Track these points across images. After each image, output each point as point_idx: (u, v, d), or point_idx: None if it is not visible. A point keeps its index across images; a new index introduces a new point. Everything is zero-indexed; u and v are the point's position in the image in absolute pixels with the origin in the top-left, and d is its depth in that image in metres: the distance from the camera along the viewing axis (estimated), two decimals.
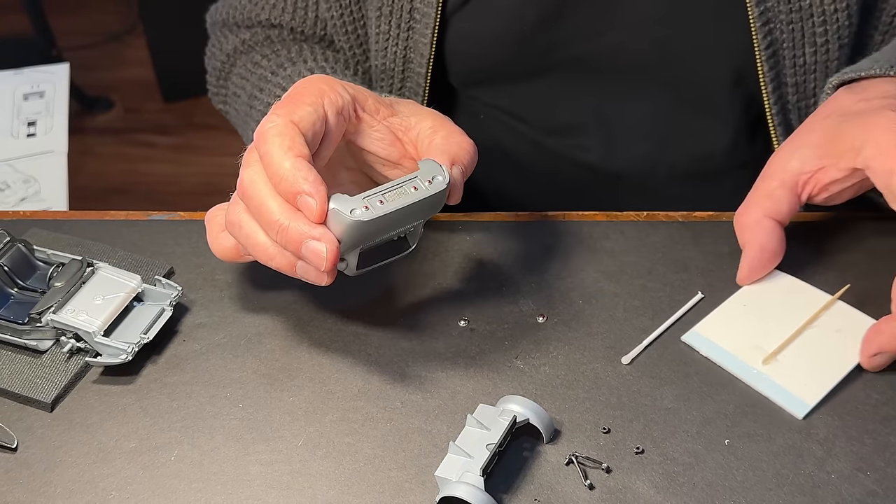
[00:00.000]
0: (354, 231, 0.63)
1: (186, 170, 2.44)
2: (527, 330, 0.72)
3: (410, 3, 0.87)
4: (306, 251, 0.63)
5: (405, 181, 0.64)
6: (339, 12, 0.91)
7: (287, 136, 0.64)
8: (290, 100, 0.67)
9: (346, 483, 0.63)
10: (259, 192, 0.64)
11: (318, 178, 0.63)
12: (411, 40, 0.88)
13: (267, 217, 0.64)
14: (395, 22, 0.88)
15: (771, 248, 0.72)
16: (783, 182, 0.71)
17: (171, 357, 0.72)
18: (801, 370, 0.67)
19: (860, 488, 0.61)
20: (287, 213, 0.63)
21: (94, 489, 0.64)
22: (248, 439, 0.66)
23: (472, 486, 0.59)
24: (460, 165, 0.69)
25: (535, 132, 0.95)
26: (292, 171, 0.62)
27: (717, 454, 0.63)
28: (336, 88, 0.68)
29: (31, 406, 0.69)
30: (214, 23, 1.00)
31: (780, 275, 0.73)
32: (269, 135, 0.64)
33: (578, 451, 0.63)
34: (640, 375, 0.68)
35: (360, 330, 0.72)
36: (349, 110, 0.69)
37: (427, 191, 0.65)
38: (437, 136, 0.70)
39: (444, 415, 0.66)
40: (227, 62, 0.97)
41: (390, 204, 0.63)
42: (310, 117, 0.66)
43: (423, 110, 0.73)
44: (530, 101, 0.93)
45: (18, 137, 1.48)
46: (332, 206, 0.62)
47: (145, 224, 0.83)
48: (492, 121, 0.96)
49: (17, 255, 0.75)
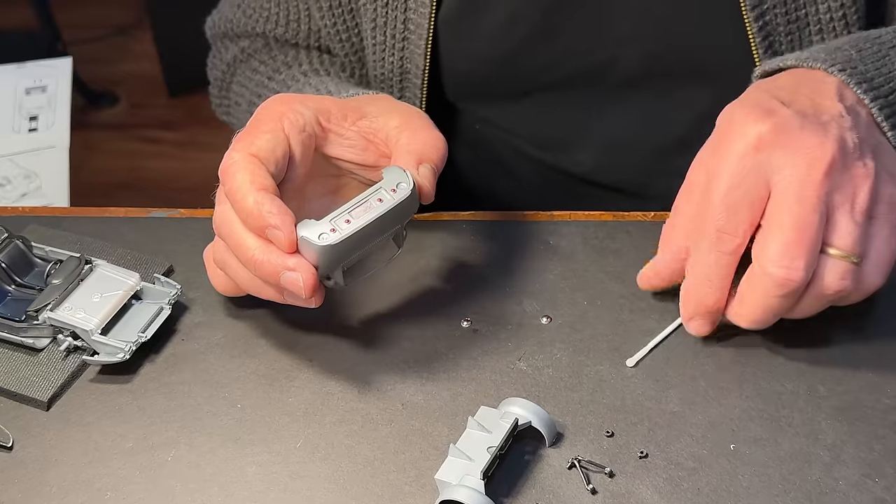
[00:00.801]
0: (327, 255, 0.64)
1: (192, 166, 2.44)
2: (530, 331, 0.71)
3: (405, 14, 0.86)
4: (284, 282, 0.64)
5: (370, 194, 0.65)
6: (332, 21, 0.91)
7: (248, 170, 0.65)
8: (248, 131, 0.68)
9: (345, 485, 0.62)
10: (232, 230, 0.65)
11: (283, 209, 0.63)
12: (407, 51, 0.88)
13: (243, 254, 0.65)
14: (391, 33, 0.88)
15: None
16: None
17: (169, 356, 0.71)
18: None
19: (868, 495, 0.60)
20: (261, 248, 0.64)
21: (89, 489, 0.63)
22: (246, 440, 0.65)
23: (473, 490, 0.58)
24: (428, 163, 0.68)
25: (529, 145, 0.95)
26: (256, 206, 0.63)
27: (722, 459, 0.62)
28: (294, 107, 0.69)
29: (27, 404, 0.68)
30: (214, 35, 1.00)
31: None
32: (230, 172, 0.65)
33: (581, 455, 0.63)
34: (644, 378, 0.67)
35: (360, 330, 0.72)
36: (312, 126, 0.69)
37: (392, 200, 0.65)
38: (402, 136, 0.70)
39: (444, 417, 0.66)
40: (228, 72, 0.98)
41: (357, 221, 0.64)
42: (269, 145, 0.66)
43: (391, 107, 0.72)
44: (522, 115, 0.93)
45: (20, 132, 1.48)
46: (300, 234, 0.63)
47: (145, 221, 0.82)
48: (488, 133, 0.95)
49: (15, 251, 0.75)
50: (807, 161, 0.62)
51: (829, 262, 0.63)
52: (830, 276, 0.63)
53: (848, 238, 0.62)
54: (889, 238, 0.64)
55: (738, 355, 0.68)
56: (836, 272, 0.63)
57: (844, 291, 0.63)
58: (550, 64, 0.88)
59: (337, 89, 0.82)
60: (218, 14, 0.98)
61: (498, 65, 0.89)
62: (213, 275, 0.71)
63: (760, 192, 0.63)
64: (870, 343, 0.68)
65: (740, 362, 0.68)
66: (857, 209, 0.63)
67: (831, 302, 0.65)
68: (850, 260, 0.63)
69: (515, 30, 0.86)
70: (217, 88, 1.00)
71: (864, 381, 0.66)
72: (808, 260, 0.61)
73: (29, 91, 1.54)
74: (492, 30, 0.86)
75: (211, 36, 1.00)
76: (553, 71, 0.88)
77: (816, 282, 0.63)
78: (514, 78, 0.90)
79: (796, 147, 0.63)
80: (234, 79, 0.97)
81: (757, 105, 0.65)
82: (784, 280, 0.62)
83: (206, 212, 0.82)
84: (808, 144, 0.63)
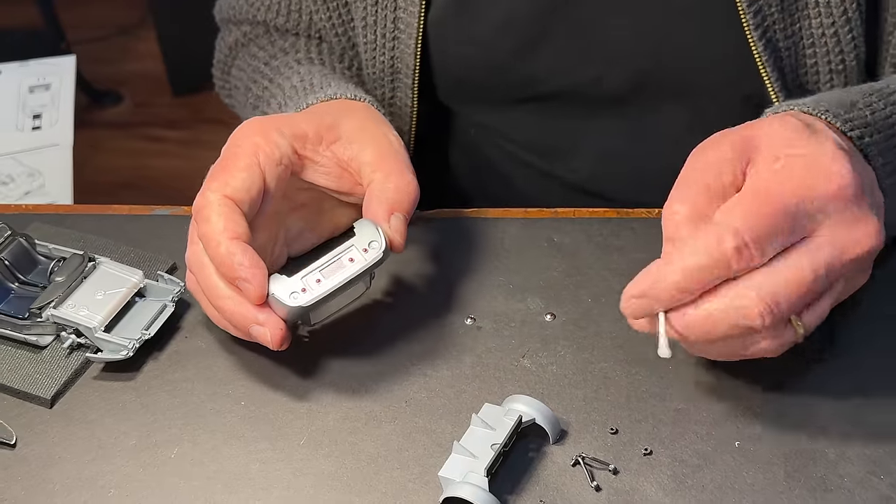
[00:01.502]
0: (296, 312, 0.65)
1: (196, 164, 2.42)
2: (534, 328, 0.71)
3: (394, 13, 0.86)
4: (253, 333, 0.65)
5: (342, 252, 0.67)
6: (327, 15, 0.91)
7: (222, 214, 0.65)
8: (223, 166, 0.68)
9: (349, 483, 0.62)
10: (204, 272, 0.66)
11: (254, 261, 0.64)
12: (397, 50, 0.88)
13: (214, 300, 0.66)
14: (381, 32, 0.88)
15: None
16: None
17: (172, 353, 0.71)
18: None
19: (873, 492, 0.59)
20: (232, 298, 0.65)
21: (93, 486, 0.63)
22: (249, 437, 0.65)
23: (477, 487, 0.58)
24: (400, 213, 0.69)
25: (524, 152, 0.95)
26: (228, 257, 0.64)
27: (726, 456, 0.62)
28: (272, 137, 0.69)
29: (31, 402, 0.68)
30: (221, 19, 1.01)
31: None
32: (203, 215, 0.65)
33: (585, 452, 0.62)
34: (648, 375, 0.67)
35: (364, 328, 0.72)
36: (289, 157, 0.69)
37: (364, 261, 0.67)
38: (375, 178, 0.70)
39: (448, 414, 0.65)
40: (230, 55, 0.98)
41: (327, 282, 0.66)
42: (244, 184, 0.66)
43: (364, 132, 0.72)
44: (516, 122, 0.93)
45: (23, 130, 1.48)
46: (270, 291, 0.64)
47: (148, 219, 0.82)
48: (482, 138, 0.95)
49: (19, 249, 0.75)
50: (853, 239, 0.59)
51: (785, 324, 0.60)
52: (775, 340, 0.60)
53: (817, 318, 0.61)
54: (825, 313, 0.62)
55: None
56: (784, 337, 0.60)
57: (769, 354, 0.61)
58: (541, 77, 0.88)
59: (320, 83, 0.82)
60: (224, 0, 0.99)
61: (489, 73, 0.89)
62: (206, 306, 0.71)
63: (798, 233, 0.59)
64: (874, 339, 0.68)
65: (744, 360, 0.67)
66: (843, 294, 0.62)
67: (745, 355, 0.61)
68: (799, 332, 0.60)
69: (505, 39, 0.86)
70: (220, 71, 1.01)
71: (871, 378, 0.66)
72: (790, 314, 0.58)
73: (32, 89, 1.54)
74: (482, 36, 0.86)
75: (219, 20, 1.01)
76: (544, 83, 0.88)
77: (760, 335, 0.59)
78: (506, 87, 0.90)
79: (857, 217, 0.60)
80: (235, 62, 0.97)
81: (846, 153, 0.61)
82: (757, 315, 0.57)
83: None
84: (870, 224, 0.60)
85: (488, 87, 0.90)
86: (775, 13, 0.79)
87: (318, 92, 0.80)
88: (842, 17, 0.79)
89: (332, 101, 0.78)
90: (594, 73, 0.86)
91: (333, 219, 0.75)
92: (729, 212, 0.58)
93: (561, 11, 0.84)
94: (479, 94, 0.92)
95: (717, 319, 0.58)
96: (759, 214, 0.57)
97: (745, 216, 0.57)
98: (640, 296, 0.59)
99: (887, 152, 0.66)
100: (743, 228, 0.57)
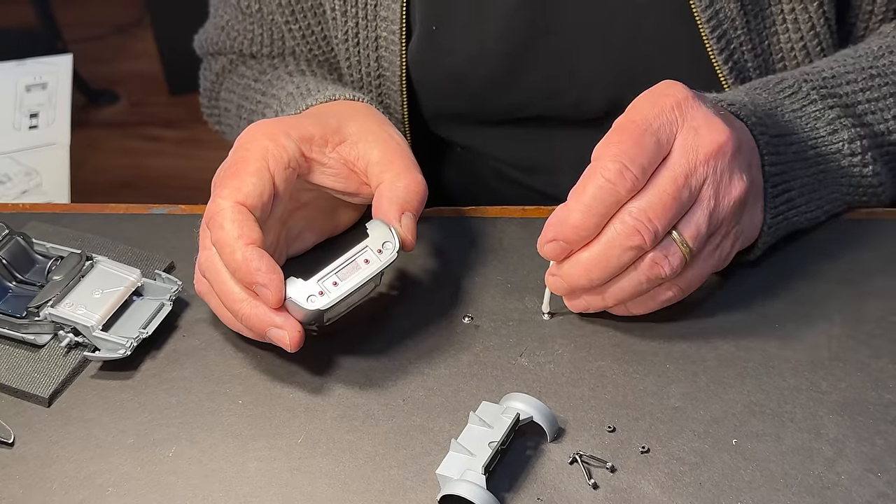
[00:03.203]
0: (313, 315, 0.65)
1: (193, 164, 2.43)
2: (532, 327, 0.71)
3: (377, 53, 0.87)
4: (270, 336, 0.65)
5: (357, 254, 0.67)
6: (307, 48, 0.92)
7: (235, 221, 0.65)
8: (234, 172, 0.68)
9: (347, 481, 0.62)
10: (219, 277, 0.66)
11: (271, 267, 0.64)
12: (384, 87, 0.89)
13: (229, 303, 0.66)
14: (366, 70, 0.89)
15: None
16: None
17: (170, 352, 0.71)
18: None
19: (870, 490, 0.60)
20: (248, 301, 0.65)
21: (91, 485, 0.63)
22: (247, 436, 0.65)
23: (474, 485, 0.58)
24: (410, 212, 0.69)
25: (508, 169, 0.95)
26: (245, 263, 0.64)
27: (724, 454, 0.62)
28: (280, 141, 0.69)
29: (29, 401, 0.68)
30: (203, 53, 1.01)
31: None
32: (217, 222, 0.66)
33: (582, 450, 0.63)
34: (646, 374, 0.67)
35: (362, 326, 0.72)
36: (297, 160, 0.70)
37: (379, 262, 0.67)
38: (385, 178, 0.71)
39: (446, 412, 0.65)
40: (217, 81, 0.98)
41: (344, 284, 0.66)
42: (256, 189, 0.67)
43: (369, 133, 0.73)
44: (499, 142, 0.94)
45: (20, 129, 1.48)
46: (288, 295, 0.65)
47: (145, 218, 0.82)
48: (469, 156, 0.96)
49: (16, 248, 0.75)
50: (705, 140, 0.65)
51: (669, 242, 0.65)
52: (661, 255, 0.64)
53: (695, 231, 0.65)
54: (717, 254, 0.68)
55: (740, 350, 0.68)
56: (670, 254, 0.65)
57: (663, 275, 0.65)
58: (517, 105, 0.89)
59: (317, 87, 0.83)
60: (204, 34, 0.99)
61: (467, 103, 0.90)
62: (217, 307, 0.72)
63: (663, 147, 0.64)
64: (871, 339, 0.68)
65: (742, 357, 0.68)
66: (715, 213, 0.65)
67: (648, 286, 0.66)
68: (684, 250, 0.65)
69: (479, 72, 0.87)
70: (207, 98, 1.01)
71: (866, 377, 0.66)
72: (663, 226, 0.63)
73: (29, 88, 1.54)
74: (455, 71, 0.87)
75: (200, 54, 1.01)
76: (522, 110, 0.89)
77: (648, 254, 0.64)
78: (484, 114, 0.91)
79: (704, 121, 0.65)
80: (223, 87, 0.98)
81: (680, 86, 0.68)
82: (633, 232, 0.63)
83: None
84: (716, 125, 0.65)
85: (468, 115, 0.91)
86: (741, 35, 0.80)
87: (315, 95, 0.80)
88: (810, 31, 0.80)
89: (332, 103, 0.78)
90: (571, 99, 0.87)
91: (333, 218, 0.76)
92: (605, 146, 0.64)
93: (534, 45, 0.84)
94: (461, 120, 0.93)
95: (608, 249, 0.64)
96: (629, 139, 0.63)
97: (618, 143, 0.63)
98: (553, 239, 0.65)
99: (767, 120, 0.72)
100: (618, 153, 0.63)
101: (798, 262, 0.74)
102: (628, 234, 0.63)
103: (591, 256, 0.65)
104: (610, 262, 0.64)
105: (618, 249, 0.64)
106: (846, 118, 0.75)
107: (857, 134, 0.75)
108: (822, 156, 0.74)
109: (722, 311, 0.71)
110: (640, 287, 0.66)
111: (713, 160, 0.65)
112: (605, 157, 0.63)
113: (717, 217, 0.66)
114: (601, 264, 0.65)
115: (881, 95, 0.76)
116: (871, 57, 0.78)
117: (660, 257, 0.64)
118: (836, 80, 0.76)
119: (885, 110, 0.76)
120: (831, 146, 0.74)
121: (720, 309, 0.71)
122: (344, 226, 0.78)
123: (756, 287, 0.72)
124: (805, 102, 0.75)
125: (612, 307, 0.69)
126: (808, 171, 0.73)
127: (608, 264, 0.65)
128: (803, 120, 0.74)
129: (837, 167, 0.75)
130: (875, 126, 0.76)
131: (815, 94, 0.75)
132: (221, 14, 0.95)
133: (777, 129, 0.72)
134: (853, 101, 0.75)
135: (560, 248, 0.66)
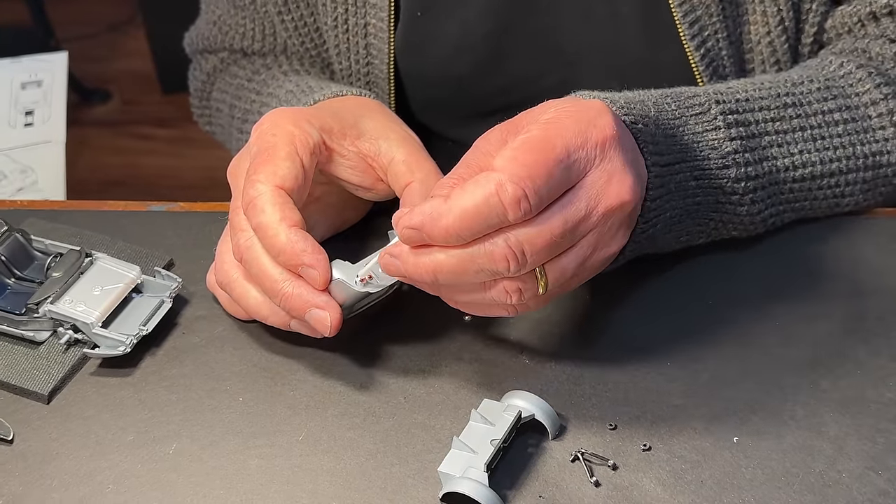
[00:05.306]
0: (357, 298, 0.65)
1: (185, 163, 2.43)
2: (533, 325, 0.71)
3: (365, 40, 0.87)
4: (310, 318, 0.64)
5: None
6: (300, 40, 0.92)
7: (276, 204, 0.65)
8: (267, 156, 0.67)
9: (348, 478, 0.62)
10: (258, 260, 0.65)
11: (317, 248, 0.64)
12: (372, 75, 0.89)
13: (269, 285, 0.65)
14: (354, 59, 0.88)
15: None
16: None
17: (170, 349, 0.71)
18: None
19: (871, 488, 0.60)
20: (290, 281, 0.64)
21: (90, 482, 0.63)
22: (247, 433, 0.65)
23: (476, 482, 0.58)
24: None
25: None
26: (290, 245, 0.64)
27: (725, 452, 0.62)
28: (304, 127, 0.69)
29: (28, 398, 0.68)
30: (193, 51, 1.01)
31: None
32: (257, 206, 0.65)
33: (584, 448, 0.63)
34: (647, 372, 0.67)
35: (362, 323, 0.71)
36: (320, 148, 0.69)
37: None
38: (416, 178, 0.70)
39: (447, 410, 0.65)
40: (208, 81, 0.98)
41: (385, 275, 0.64)
42: (291, 173, 0.66)
43: (389, 130, 0.73)
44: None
45: (16, 127, 1.47)
46: (336, 277, 0.64)
47: (144, 215, 0.82)
48: (461, 149, 0.95)
49: (15, 244, 0.74)
50: (611, 192, 0.61)
51: (530, 276, 0.60)
52: (516, 285, 0.60)
53: (559, 274, 0.61)
54: (563, 287, 0.63)
55: (741, 348, 0.68)
56: (525, 288, 0.60)
57: (510, 302, 0.61)
58: (505, 88, 0.88)
59: (318, 84, 0.82)
60: (195, 31, 0.99)
61: (453, 90, 0.89)
62: (228, 303, 0.72)
63: (571, 181, 0.60)
64: (871, 338, 0.69)
65: (742, 356, 0.68)
66: (587, 262, 0.62)
67: (489, 303, 0.62)
68: (541, 287, 0.61)
69: (464, 57, 0.87)
70: (198, 99, 1.01)
71: (867, 375, 0.66)
72: (534, 262, 0.59)
73: (24, 86, 1.53)
74: (441, 57, 0.87)
75: (190, 52, 1.01)
76: (509, 94, 0.89)
77: (504, 280, 0.60)
78: (472, 101, 0.90)
79: (619, 171, 0.61)
80: (215, 87, 0.97)
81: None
82: (502, 259, 0.58)
83: (206, 206, 0.82)
84: (626, 181, 0.61)
85: (455, 104, 0.91)
86: (717, 22, 0.80)
87: (318, 92, 0.80)
88: (778, 26, 0.80)
89: (341, 98, 0.78)
90: (557, 78, 0.87)
91: (342, 214, 0.75)
92: (511, 160, 0.58)
93: (517, 27, 0.85)
94: (449, 110, 0.93)
95: (468, 262, 0.59)
96: (542, 167, 0.57)
97: (527, 167, 0.57)
98: (417, 228, 0.59)
99: (663, 145, 0.68)
100: (524, 178, 0.57)
101: (798, 261, 0.74)
102: (496, 258, 0.58)
103: (447, 261, 0.59)
104: (464, 275, 0.60)
105: (478, 266, 0.59)
106: (743, 153, 0.71)
107: (746, 174, 0.71)
108: (703, 188, 0.71)
109: (722, 310, 0.71)
110: (481, 301, 0.62)
111: (610, 215, 0.61)
112: (508, 173, 0.57)
113: (586, 266, 0.62)
114: (454, 271, 0.59)
115: (790, 128, 0.73)
116: (789, 83, 0.75)
117: (514, 287, 0.60)
118: (749, 104, 0.73)
119: (791, 144, 0.73)
120: (715, 181, 0.71)
121: (721, 307, 0.71)
122: (350, 222, 0.78)
123: (756, 285, 0.73)
124: (708, 128, 0.71)
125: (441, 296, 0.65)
126: (682, 201, 0.70)
127: (460, 275, 0.60)
128: (698, 147, 0.70)
129: (714, 202, 0.71)
130: (778, 160, 0.73)
131: (720, 119, 0.71)
132: (213, 9, 0.95)
133: (669, 156, 0.68)
134: (761, 130, 0.72)
135: (418, 238, 0.59)
